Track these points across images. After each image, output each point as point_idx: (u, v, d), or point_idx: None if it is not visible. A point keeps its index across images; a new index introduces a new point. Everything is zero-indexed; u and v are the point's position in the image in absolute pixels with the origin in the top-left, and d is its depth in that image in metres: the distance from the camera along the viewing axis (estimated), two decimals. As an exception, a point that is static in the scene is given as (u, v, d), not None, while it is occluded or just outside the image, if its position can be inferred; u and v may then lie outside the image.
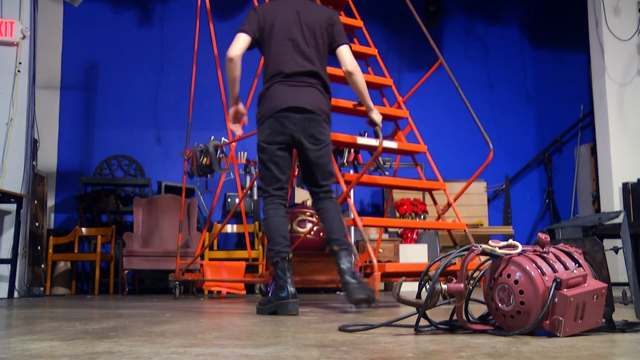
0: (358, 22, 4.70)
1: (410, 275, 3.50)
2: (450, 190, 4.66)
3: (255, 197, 7.08)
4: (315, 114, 3.11)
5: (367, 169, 3.59)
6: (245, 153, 5.76)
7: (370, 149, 4.33)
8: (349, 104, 4.07)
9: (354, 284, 2.93)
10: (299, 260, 5.78)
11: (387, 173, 5.28)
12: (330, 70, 3.51)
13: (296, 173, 5.19)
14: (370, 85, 4.16)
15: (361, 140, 4.05)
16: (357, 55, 4.34)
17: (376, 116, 3.45)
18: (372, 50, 4.67)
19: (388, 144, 4.11)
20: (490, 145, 4.14)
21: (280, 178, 3.14)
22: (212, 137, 5.18)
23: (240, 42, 3.21)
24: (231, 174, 5.41)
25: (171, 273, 5.27)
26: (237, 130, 3.37)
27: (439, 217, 4.35)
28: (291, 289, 2.87)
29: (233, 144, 5.31)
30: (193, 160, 5.08)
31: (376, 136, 3.53)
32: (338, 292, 6.11)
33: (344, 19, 4.48)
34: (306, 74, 3.15)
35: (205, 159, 4.94)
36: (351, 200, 3.68)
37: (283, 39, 3.18)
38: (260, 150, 3.16)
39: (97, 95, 7.78)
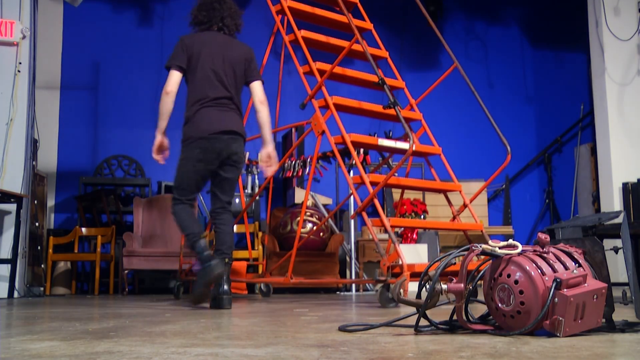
0: (368, 25, 4.72)
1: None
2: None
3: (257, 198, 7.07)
4: (239, 135, 3.56)
5: (394, 171, 3.57)
6: (247, 153, 5.77)
7: (390, 150, 4.36)
8: (375, 107, 4.06)
9: (225, 299, 3.33)
10: (299, 261, 5.79)
11: (396, 175, 5.30)
12: (355, 73, 3.95)
13: (291, 174, 5.21)
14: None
15: (382, 142, 4.09)
16: (367, 58, 4.32)
17: (270, 151, 3.73)
18: (383, 53, 4.67)
19: (402, 145, 4.17)
20: (508, 148, 4.11)
21: (196, 191, 3.62)
22: None
23: (175, 78, 3.61)
24: None
25: (173, 273, 5.27)
26: (160, 160, 3.75)
27: (454, 218, 4.33)
28: (224, 287, 3.27)
29: None
30: None
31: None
32: (338, 292, 6.11)
33: (355, 21, 4.45)
34: (227, 99, 3.58)
35: None
36: (377, 201, 3.65)
37: (207, 69, 3.59)
38: (183, 165, 3.58)
39: (97, 95, 7.78)
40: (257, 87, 3.69)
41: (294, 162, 5.34)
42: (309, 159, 5.28)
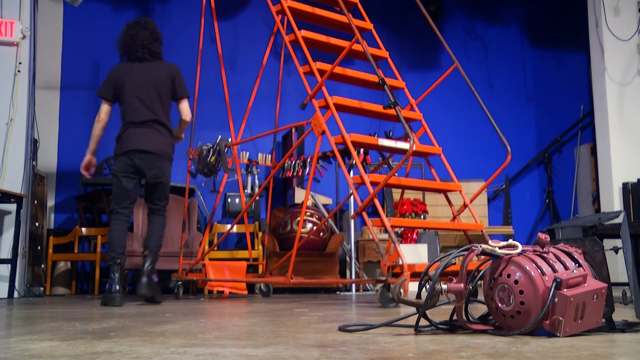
0: (368, 25, 4.73)
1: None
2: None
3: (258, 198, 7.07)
4: (156, 154, 4.12)
5: (394, 172, 3.59)
6: (247, 153, 5.78)
7: (390, 150, 4.39)
8: (375, 107, 4.08)
9: (143, 282, 3.92)
10: (299, 260, 5.79)
11: (397, 174, 5.32)
12: (356, 73, 4.13)
13: (291, 174, 5.25)
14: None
15: (382, 142, 4.11)
16: (368, 58, 4.34)
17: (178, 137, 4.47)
18: (383, 53, 4.68)
19: (403, 145, 4.18)
20: (509, 149, 4.11)
21: (126, 199, 4.12)
22: (220, 136, 5.21)
23: (105, 109, 4.35)
24: (235, 174, 5.43)
25: (174, 273, 5.28)
26: (86, 175, 4.42)
27: (454, 218, 4.34)
28: (116, 287, 3.82)
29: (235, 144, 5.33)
30: (199, 160, 5.09)
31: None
32: (338, 292, 6.11)
33: (355, 21, 4.46)
34: (151, 121, 4.14)
35: (212, 157, 5.02)
36: (377, 201, 3.66)
37: (132, 96, 4.19)
38: (114, 177, 4.19)
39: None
40: (183, 104, 4.28)
41: (294, 162, 5.36)
42: (309, 159, 5.30)
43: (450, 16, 8.64)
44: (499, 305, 1.71)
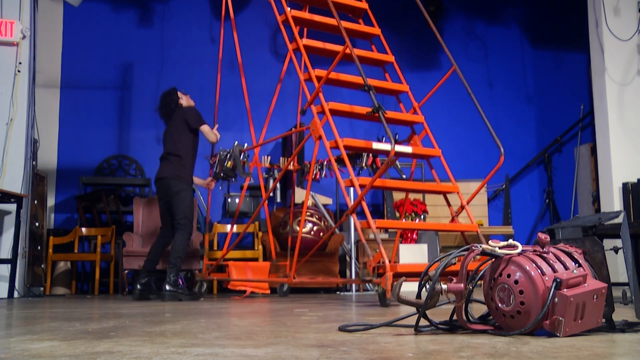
0: (376, 30, 4.91)
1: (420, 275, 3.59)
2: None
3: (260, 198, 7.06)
4: (166, 180, 4.95)
5: (378, 175, 3.71)
6: (269, 157, 5.82)
7: (385, 153, 4.40)
8: (363, 109, 4.16)
9: (167, 291, 4.72)
10: (299, 260, 5.79)
11: (404, 176, 5.39)
12: (350, 77, 4.31)
13: (311, 177, 5.39)
14: (387, 91, 4.65)
15: (376, 146, 4.20)
16: (374, 62, 4.83)
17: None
18: (389, 58, 4.81)
19: (403, 148, 4.28)
20: (502, 150, 4.14)
21: (162, 220, 5.09)
22: (236, 142, 5.38)
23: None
24: (251, 178, 5.54)
25: (197, 272, 5.52)
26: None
27: (453, 219, 4.40)
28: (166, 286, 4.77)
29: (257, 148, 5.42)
30: (218, 165, 5.29)
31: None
32: (338, 292, 6.11)
33: (361, 27, 4.86)
34: (166, 153, 5.07)
35: (229, 162, 5.22)
36: (365, 204, 3.77)
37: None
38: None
39: (97, 95, 7.78)
40: (204, 131, 5.09)
41: (313, 166, 5.47)
42: (325, 162, 5.40)
43: (450, 16, 8.64)
44: (499, 305, 1.71)
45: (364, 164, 4.90)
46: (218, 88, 5.87)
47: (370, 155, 4.93)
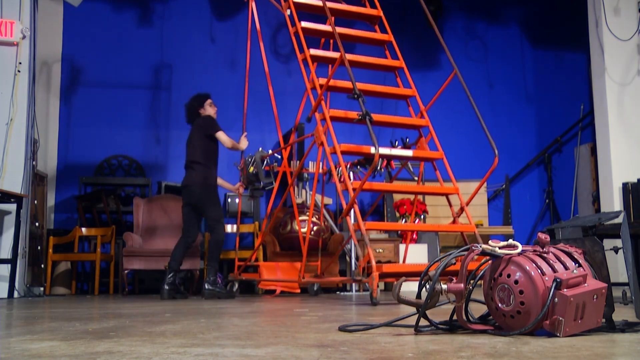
0: (389, 37, 5.22)
1: (408, 275, 3.76)
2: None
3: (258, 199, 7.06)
4: (193, 187, 5.16)
5: (366, 179, 3.95)
6: (298, 162, 5.89)
7: (386, 157, 4.69)
8: (354, 114, 4.33)
9: (207, 290, 4.99)
10: (299, 260, 5.79)
11: (416, 177, 5.49)
12: (347, 83, 4.10)
13: (336, 180, 5.53)
14: (397, 96, 4.96)
15: (373, 150, 4.36)
16: (386, 68, 5.18)
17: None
18: (400, 63, 5.07)
19: (402, 152, 4.53)
20: (496, 151, 4.18)
21: (187, 224, 5.23)
22: (260, 148, 5.58)
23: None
24: (273, 183, 5.64)
25: (230, 273, 5.70)
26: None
27: (454, 220, 4.51)
28: (207, 286, 5.03)
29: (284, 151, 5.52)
30: (244, 170, 5.52)
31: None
32: (338, 292, 6.11)
33: (376, 34, 5.22)
34: (189, 161, 5.25)
35: (251, 168, 5.42)
36: (356, 206, 3.98)
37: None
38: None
39: (97, 95, 7.78)
40: (219, 137, 5.22)
41: (317, 169, 5.59)
42: (348, 166, 5.50)
43: (450, 16, 8.64)
44: (499, 305, 1.71)
45: (379, 167, 5.08)
46: (246, 96, 6.04)
47: (385, 159, 5.10)
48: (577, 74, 8.32)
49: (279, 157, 5.64)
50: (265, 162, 5.46)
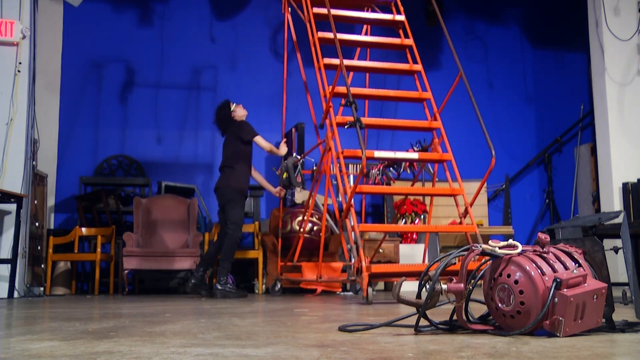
0: (409, 42, 5.42)
1: (400, 275, 3.88)
2: (449, 190, 4.76)
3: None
4: (221, 189, 5.38)
5: (358, 181, 4.11)
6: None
7: (389, 160, 5.02)
8: (343, 119, 4.55)
9: (218, 290, 5.10)
10: (300, 260, 5.80)
11: (431, 175, 5.71)
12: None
13: (373, 181, 5.65)
14: (415, 99, 5.17)
15: (378, 154, 4.65)
16: (406, 72, 5.37)
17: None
18: (418, 67, 5.23)
19: (407, 155, 4.76)
20: (493, 152, 4.21)
21: (221, 224, 5.48)
22: (294, 153, 5.84)
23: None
24: (301, 187, 5.86)
25: (274, 272, 5.92)
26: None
27: (460, 222, 4.63)
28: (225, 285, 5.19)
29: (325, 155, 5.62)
30: (281, 175, 5.75)
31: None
32: (338, 292, 6.10)
33: (393, 40, 5.46)
34: (222, 165, 5.49)
35: (285, 174, 5.65)
36: (352, 209, 4.15)
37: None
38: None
39: (97, 95, 7.78)
40: (257, 142, 5.43)
41: (374, 170, 5.74)
42: (380, 168, 5.63)
43: (450, 16, 8.64)
44: (499, 305, 1.71)
45: (404, 167, 5.31)
46: (284, 104, 6.20)
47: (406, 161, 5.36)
48: (577, 74, 8.32)
49: (312, 160, 5.87)
50: (298, 168, 5.67)
